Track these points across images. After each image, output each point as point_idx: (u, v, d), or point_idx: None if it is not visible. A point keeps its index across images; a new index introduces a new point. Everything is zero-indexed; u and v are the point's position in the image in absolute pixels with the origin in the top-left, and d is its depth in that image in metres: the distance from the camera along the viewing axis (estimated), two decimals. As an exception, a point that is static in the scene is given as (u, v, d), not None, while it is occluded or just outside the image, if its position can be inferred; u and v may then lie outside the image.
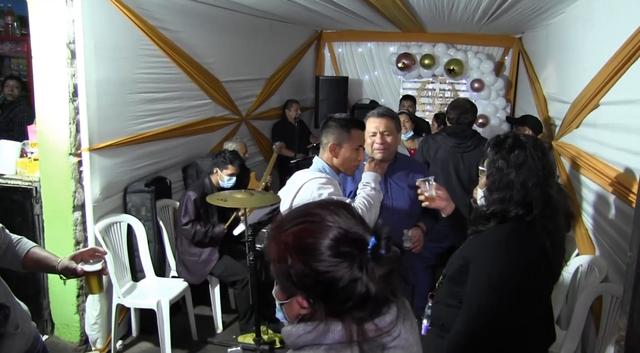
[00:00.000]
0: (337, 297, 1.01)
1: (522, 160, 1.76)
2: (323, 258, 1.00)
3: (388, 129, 2.65)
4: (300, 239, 1.03)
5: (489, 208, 1.83)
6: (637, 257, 1.39)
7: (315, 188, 2.29)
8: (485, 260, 1.76)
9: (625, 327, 1.41)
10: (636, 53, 2.53)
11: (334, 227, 1.02)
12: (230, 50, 5.16)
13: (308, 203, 1.12)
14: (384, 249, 1.01)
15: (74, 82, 3.30)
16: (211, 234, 3.80)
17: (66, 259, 1.87)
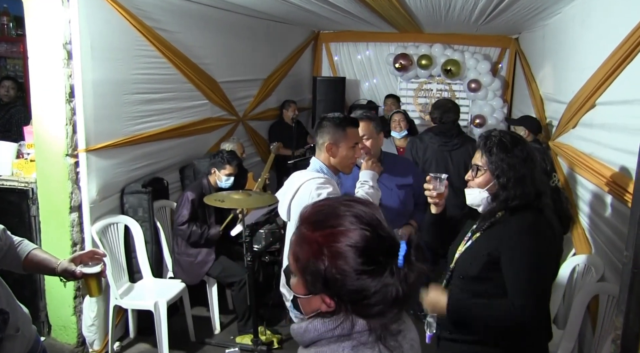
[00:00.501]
0: (368, 302, 1.03)
1: (526, 155, 1.87)
2: (356, 267, 1.02)
3: (367, 132, 2.66)
4: (335, 242, 1.03)
5: (511, 202, 1.87)
6: (633, 256, 1.40)
7: (314, 188, 2.29)
8: (519, 251, 1.81)
9: (622, 326, 1.41)
10: (632, 53, 2.54)
11: (367, 233, 1.04)
12: (227, 50, 5.15)
13: (337, 204, 1.10)
14: (415, 257, 1.04)
15: (71, 82, 3.29)
16: (207, 235, 3.80)
17: (65, 261, 1.85)
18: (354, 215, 1.06)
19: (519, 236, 1.83)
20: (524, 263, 1.79)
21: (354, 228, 1.04)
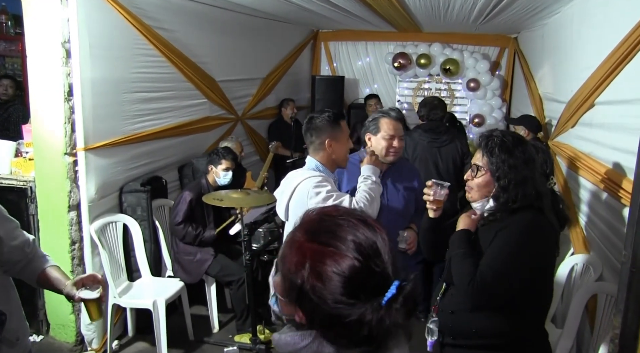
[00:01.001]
0: (338, 331, 0.97)
1: (527, 156, 1.86)
2: (336, 295, 0.94)
3: (397, 133, 2.68)
4: (321, 262, 0.96)
5: (511, 205, 1.86)
6: (631, 255, 1.40)
7: (311, 187, 2.29)
8: (512, 241, 1.82)
9: (620, 325, 1.41)
10: (631, 53, 2.54)
11: (358, 264, 0.95)
12: (225, 49, 5.15)
13: (343, 221, 1.01)
14: (400, 304, 0.94)
15: (69, 81, 3.29)
16: (201, 237, 3.80)
17: (69, 284, 1.84)
18: (353, 241, 0.97)
19: (516, 235, 1.83)
20: (507, 252, 1.80)
21: (347, 254, 0.95)
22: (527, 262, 1.79)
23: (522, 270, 1.78)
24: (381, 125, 2.67)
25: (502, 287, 1.77)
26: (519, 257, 1.78)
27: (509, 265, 1.77)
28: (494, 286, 1.77)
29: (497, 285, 1.77)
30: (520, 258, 1.78)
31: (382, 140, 2.66)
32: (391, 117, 2.67)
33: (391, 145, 2.64)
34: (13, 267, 1.83)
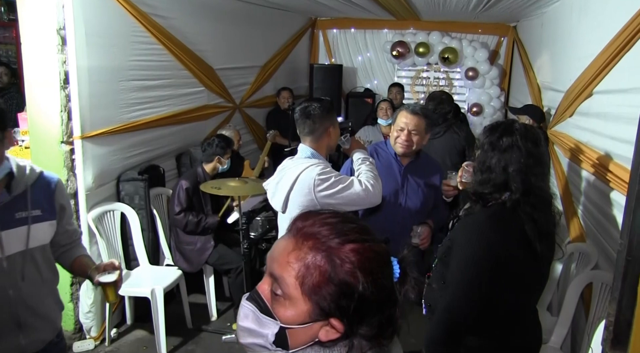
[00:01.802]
0: (374, 320, 0.96)
1: (507, 146, 1.81)
2: (385, 282, 0.95)
3: (417, 128, 2.67)
4: (367, 260, 0.93)
5: (472, 189, 1.90)
6: (627, 244, 1.40)
7: (316, 175, 2.26)
8: (465, 241, 1.81)
9: (614, 312, 1.43)
10: (630, 42, 2.53)
11: (386, 247, 0.99)
12: (223, 37, 5.12)
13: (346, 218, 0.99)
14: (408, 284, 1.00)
15: (65, 69, 3.27)
16: (204, 224, 3.80)
17: (92, 269, 2.00)
18: (369, 230, 0.99)
19: (467, 229, 1.85)
20: (461, 256, 1.80)
21: (378, 243, 0.98)
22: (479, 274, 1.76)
23: (478, 282, 1.77)
24: (398, 116, 2.73)
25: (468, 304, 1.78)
26: (468, 270, 1.77)
27: (463, 276, 1.79)
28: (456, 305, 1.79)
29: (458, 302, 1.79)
30: (472, 264, 1.77)
31: (394, 130, 2.73)
32: (408, 110, 2.70)
33: (399, 136, 2.68)
34: (58, 249, 2.02)
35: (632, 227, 1.38)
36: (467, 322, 1.79)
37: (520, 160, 1.78)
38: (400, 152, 2.72)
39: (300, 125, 2.47)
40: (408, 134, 2.66)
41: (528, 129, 1.88)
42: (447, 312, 1.80)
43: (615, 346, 1.43)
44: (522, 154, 1.78)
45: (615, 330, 1.41)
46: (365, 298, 0.92)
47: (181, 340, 3.72)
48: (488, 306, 1.78)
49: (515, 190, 1.78)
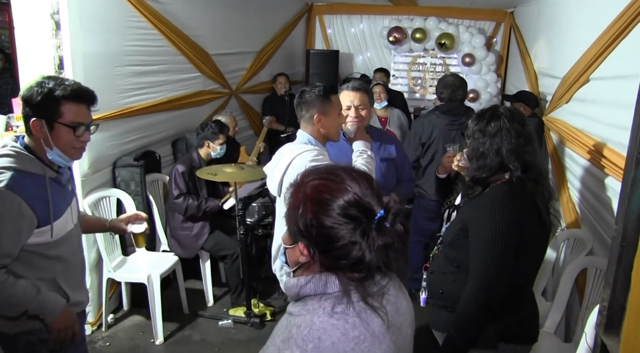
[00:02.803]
0: (334, 253, 1.09)
1: (496, 130, 1.90)
2: (331, 214, 1.08)
3: (362, 103, 2.68)
4: (317, 192, 1.11)
5: (469, 175, 1.97)
6: (622, 230, 1.42)
7: (308, 161, 2.26)
8: (487, 219, 1.84)
9: (608, 297, 1.44)
10: (627, 28, 2.53)
11: (350, 191, 1.09)
12: (219, 22, 5.07)
13: (335, 164, 1.20)
14: (389, 223, 1.07)
15: (60, 54, 3.23)
16: (205, 208, 3.79)
17: (115, 220, 2.32)
18: (345, 174, 1.13)
19: (482, 208, 1.88)
20: (482, 235, 1.83)
21: (342, 184, 1.10)
22: (507, 246, 1.81)
23: (507, 255, 1.81)
24: (341, 97, 2.68)
25: (492, 274, 1.81)
26: (495, 241, 1.81)
27: (487, 253, 1.81)
28: (485, 284, 1.81)
29: (488, 280, 1.81)
30: (495, 240, 1.81)
31: (342, 112, 2.68)
32: (348, 88, 2.71)
33: (347, 115, 2.65)
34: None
35: (627, 213, 1.40)
36: (499, 298, 1.82)
37: (511, 141, 1.88)
38: (352, 129, 2.67)
39: (297, 110, 2.49)
40: (356, 110, 2.66)
41: (512, 112, 1.99)
42: (482, 291, 1.81)
43: (609, 330, 1.45)
44: (512, 135, 1.88)
45: (608, 315, 1.42)
46: (313, 225, 1.09)
47: (178, 326, 3.74)
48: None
49: (515, 169, 1.87)
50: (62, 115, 1.82)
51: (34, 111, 1.79)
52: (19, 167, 1.77)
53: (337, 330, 1.06)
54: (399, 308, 1.18)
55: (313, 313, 1.09)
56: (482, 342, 1.90)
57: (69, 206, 1.96)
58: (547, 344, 2.66)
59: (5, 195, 1.71)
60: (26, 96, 1.80)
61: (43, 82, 1.82)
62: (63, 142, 1.85)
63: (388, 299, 1.15)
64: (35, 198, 1.78)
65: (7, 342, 1.92)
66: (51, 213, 1.83)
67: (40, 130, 1.80)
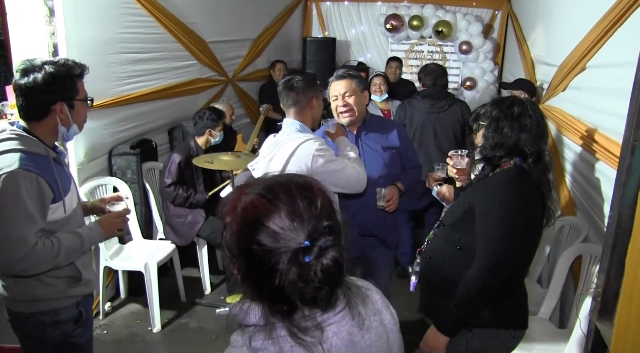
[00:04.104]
0: (254, 279, 0.99)
1: (519, 113, 1.91)
2: (252, 236, 0.96)
3: (349, 89, 2.63)
4: (246, 209, 0.98)
5: (483, 152, 1.97)
6: (617, 217, 1.43)
7: (315, 150, 2.25)
8: (493, 199, 1.85)
9: (602, 284, 1.46)
10: (623, 16, 2.52)
11: (276, 215, 0.96)
12: (215, 9, 5.03)
13: (277, 178, 1.04)
14: (312, 256, 0.94)
15: (54, 41, 3.21)
16: (192, 200, 3.80)
17: (96, 201, 2.33)
18: (285, 196, 0.98)
19: (490, 190, 1.90)
20: (491, 216, 1.83)
21: (274, 205, 0.97)
22: (516, 228, 1.81)
23: (515, 237, 1.81)
24: (329, 90, 2.69)
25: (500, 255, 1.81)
26: (505, 225, 1.81)
27: (497, 234, 1.82)
28: (491, 265, 1.82)
29: (495, 262, 1.82)
30: (505, 220, 1.81)
31: (332, 103, 2.69)
32: (334, 78, 2.67)
33: (338, 106, 2.63)
34: None
35: (622, 200, 1.40)
36: (505, 279, 1.83)
37: (533, 126, 1.90)
38: (346, 121, 2.66)
39: (284, 97, 2.46)
40: (342, 98, 2.62)
41: (534, 103, 2.06)
42: (488, 271, 1.81)
43: (602, 316, 1.46)
44: (534, 121, 1.90)
45: (602, 301, 1.44)
46: (234, 243, 0.98)
47: (175, 314, 3.75)
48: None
49: (530, 154, 1.89)
50: (78, 92, 1.94)
51: (54, 95, 1.86)
52: (25, 148, 1.82)
53: None
54: (354, 340, 1.04)
55: (234, 345, 1.02)
56: (479, 323, 1.92)
57: (71, 185, 2.02)
58: (541, 330, 2.68)
59: (24, 174, 1.76)
60: (30, 84, 1.81)
61: (40, 66, 1.84)
62: (81, 118, 2.00)
63: (333, 332, 1.01)
64: (47, 175, 1.84)
65: (19, 322, 1.98)
66: (61, 189, 1.90)
67: (62, 112, 1.89)
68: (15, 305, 1.95)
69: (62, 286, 1.96)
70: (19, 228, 1.76)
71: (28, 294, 1.92)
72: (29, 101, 1.85)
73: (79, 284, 2.01)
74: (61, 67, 1.87)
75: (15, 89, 1.85)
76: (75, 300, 2.02)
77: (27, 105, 1.86)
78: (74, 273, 2.00)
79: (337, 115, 2.69)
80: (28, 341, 2.01)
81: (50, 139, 1.94)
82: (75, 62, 1.95)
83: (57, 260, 1.87)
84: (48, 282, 1.92)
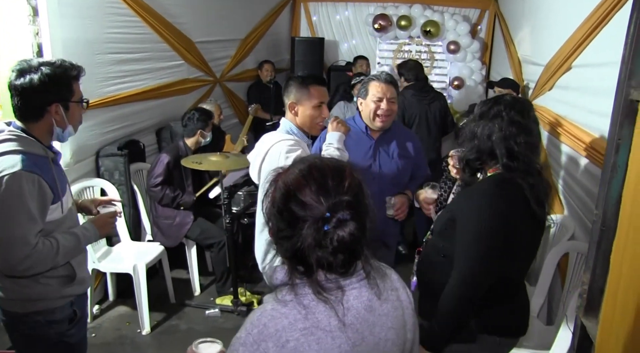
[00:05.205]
0: (282, 241, 1.13)
1: (493, 115, 1.88)
2: (283, 202, 1.12)
3: (394, 96, 2.64)
4: (287, 181, 1.13)
5: (462, 156, 1.97)
6: (602, 215, 1.44)
7: (284, 150, 2.24)
8: (474, 212, 1.83)
9: (588, 281, 1.47)
10: (608, 16, 2.54)
11: (306, 186, 1.10)
12: (203, 9, 5.01)
13: (316, 161, 1.17)
14: (331, 226, 1.07)
15: (38, 41, 3.17)
16: (179, 201, 3.78)
17: (87, 200, 2.35)
18: (317, 173, 1.13)
19: (469, 199, 1.88)
20: (468, 227, 1.81)
21: (304, 182, 1.11)
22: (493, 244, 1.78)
23: (492, 253, 1.79)
24: (370, 88, 2.65)
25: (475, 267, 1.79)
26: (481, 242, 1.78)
27: (473, 245, 1.80)
28: (469, 276, 1.80)
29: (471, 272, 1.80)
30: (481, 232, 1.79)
31: (370, 102, 2.64)
32: (380, 80, 2.65)
33: (379, 107, 2.61)
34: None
35: (607, 198, 1.42)
36: (481, 293, 1.81)
37: (502, 127, 1.84)
38: (380, 126, 2.66)
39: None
40: (388, 103, 2.61)
41: (517, 100, 1.96)
42: (465, 285, 1.79)
43: (588, 312, 1.48)
44: (504, 121, 1.85)
45: (588, 298, 1.45)
46: (269, 205, 1.15)
47: (164, 316, 3.73)
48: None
49: (501, 156, 1.84)
50: (74, 93, 1.94)
51: (49, 96, 1.86)
52: (25, 149, 1.83)
53: (286, 318, 1.09)
54: (373, 306, 1.17)
55: (269, 300, 1.15)
56: (464, 334, 1.90)
57: (67, 183, 2.06)
58: (529, 327, 2.70)
59: (26, 176, 1.78)
60: (26, 85, 1.82)
61: (37, 67, 1.84)
62: (76, 119, 2.00)
63: (354, 296, 1.14)
64: (47, 176, 1.86)
65: (14, 322, 1.98)
66: (59, 189, 1.92)
67: (57, 113, 1.89)
68: (9, 304, 1.95)
69: (56, 285, 1.97)
70: (22, 228, 1.78)
71: (23, 294, 1.92)
72: (24, 102, 1.85)
73: (73, 283, 2.02)
74: (57, 68, 1.87)
75: (11, 89, 1.85)
76: (70, 299, 2.03)
77: (23, 105, 1.86)
78: (68, 272, 2.00)
79: (371, 117, 2.64)
80: (22, 341, 2.01)
81: (46, 140, 1.94)
82: (72, 63, 1.95)
83: (57, 259, 1.89)
84: (43, 282, 1.93)
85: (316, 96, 2.38)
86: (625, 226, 1.25)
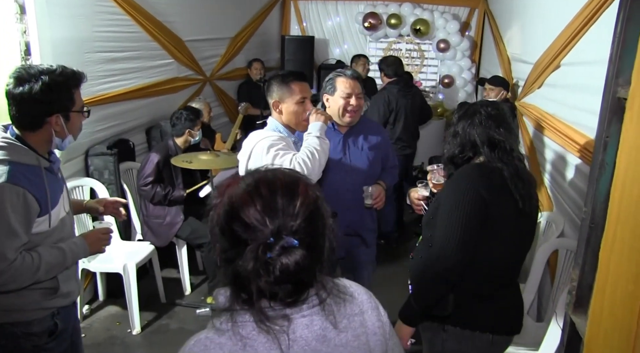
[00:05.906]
0: (224, 263, 1.03)
1: (470, 113, 1.98)
2: (227, 222, 1.00)
3: (360, 92, 2.64)
4: (233, 196, 1.01)
5: (445, 154, 2.04)
6: (591, 212, 1.45)
7: (266, 145, 2.25)
8: (451, 191, 1.89)
9: (577, 277, 1.48)
10: (596, 14, 2.57)
11: (251, 206, 0.98)
12: (192, 8, 4.98)
13: (268, 174, 1.05)
14: (273, 253, 0.95)
15: (26, 39, 3.13)
16: (170, 197, 3.77)
17: (93, 201, 2.33)
18: (265, 190, 1.00)
19: (452, 182, 1.94)
20: (445, 209, 1.86)
21: (248, 199, 0.99)
22: (468, 214, 1.81)
23: (467, 223, 1.81)
24: (337, 84, 2.64)
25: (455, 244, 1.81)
26: (457, 213, 1.82)
27: (452, 224, 1.82)
28: (449, 252, 1.81)
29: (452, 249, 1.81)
30: (458, 212, 1.82)
31: (339, 99, 2.64)
32: (347, 76, 2.64)
33: (348, 103, 2.62)
34: None
35: (596, 195, 1.43)
36: (455, 269, 1.81)
37: (481, 121, 1.94)
38: (349, 122, 2.65)
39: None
40: (357, 98, 2.62)
41: (491, 101, 2.11)
42: (440, 259, 1.82)
43: (577, 309, 1.49)
44: (482, 116, 1.94)
45: (577, 294, 1.46)
46: (213, 224, 1.03)
47: (155, 315, 3.71)
48: (475, 260, 1.84)
49: (481, 144, 1.92)
50: (75, 103, 1.86)
51: (49, 107, 1.79)
52: (14, 159, 1.74)
53: (220, 350, 1.00)
54: (327, 336, 1.04)
55: (208, 326, 1.06)
56: (452, 322, 1.94)
57: (62, 194, 1.96)
58: (520, 324, 2.72)
59: (10, 188, 1.69)
60: (25, 94, 1.74)
61: (36, 75, 1.76)
62: (76, 128, 1.91)
63: (304, 325, 1.02)
64: (35, 188, 1.77)
65: None
66: (49, 202, 1.82)
67: (57, 124, 1.81)
68: None
69: (36, 297, 1.87)
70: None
71: (0, 303, 1.83)
72: (22, 111, 1.77)
73: (55, 296, 1.92)
74: (58, 76, 1.78)
75: (9, 98, 1.77)
76: (51, 311, 1.93)
77: (21, 115, 1.77)
78: (52, 284, 1.91)
79: (340, 113, 2.64)
80: None
81: (43, 148, 1.86)
82: (74, 71, 1.87)
83: (37, 275, 1.79)
84: (22, 294, 1.83)
85: (298, 92, 2.38)
86: (613, 223, 1.26)
